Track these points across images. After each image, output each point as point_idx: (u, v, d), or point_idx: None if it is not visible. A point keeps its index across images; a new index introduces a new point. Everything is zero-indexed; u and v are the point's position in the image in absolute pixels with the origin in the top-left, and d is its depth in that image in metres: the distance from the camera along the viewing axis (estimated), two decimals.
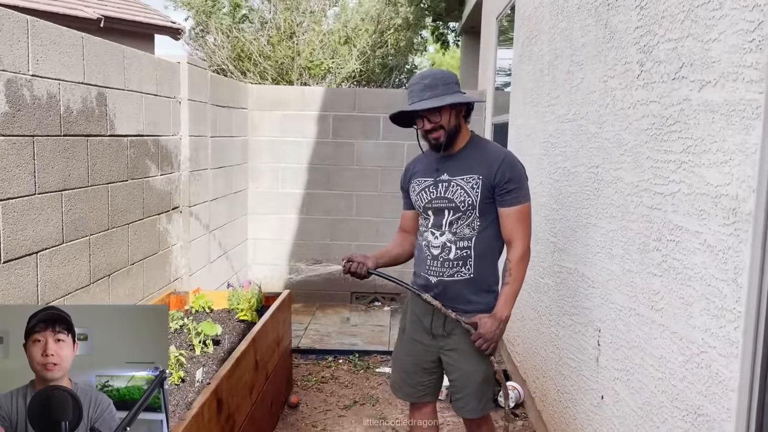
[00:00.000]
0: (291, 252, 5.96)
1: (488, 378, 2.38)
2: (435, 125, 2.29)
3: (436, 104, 2.23)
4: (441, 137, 2.30)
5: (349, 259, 2.37)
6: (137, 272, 3.55)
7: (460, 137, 2.36)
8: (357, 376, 4.22)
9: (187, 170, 4.18)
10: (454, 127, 2.31)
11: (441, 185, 2.35)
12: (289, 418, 3.57)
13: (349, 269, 2.37)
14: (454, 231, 2.34)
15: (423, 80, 2.30)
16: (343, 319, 5.48)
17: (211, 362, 2.89)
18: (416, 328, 2.48)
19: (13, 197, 2.39)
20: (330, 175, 5.86)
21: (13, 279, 2.41)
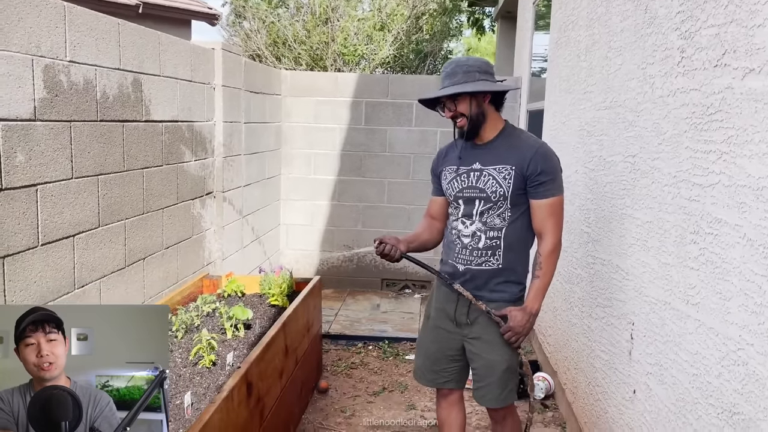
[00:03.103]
0: (322, 238, 5.99)
1: (511, 368, 2.36)
2: (455, 113, 2.27)
3: (447, 92, 2.23)
4: (464, 125, 2.28)
5: (381, 241, 2.32)
6: (171, 256, 3.60)
7: (489, 126, 2.32)
8: (386, 363, 4.23)
9: (221, 156, 4.22)
10: (477, 115, 2.27)
11: (473, 174, 2.32)
12: (319, 402, 3.60)
13: (383, 251, 2.31)
14: (485, 221, 2.31)
15: (446, 68, 2.31)
16: (373, 305, 5.50)
17: (242, 346, 2.92)
18: (440, 316, 2.47)
19: (50, 181, 2.45)
20: (362, 162, 5.85)
21: (51, 261, 2.47)
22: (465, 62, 2.29)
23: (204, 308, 3.37)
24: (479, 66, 2.27)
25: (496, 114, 2.34)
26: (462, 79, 2.23)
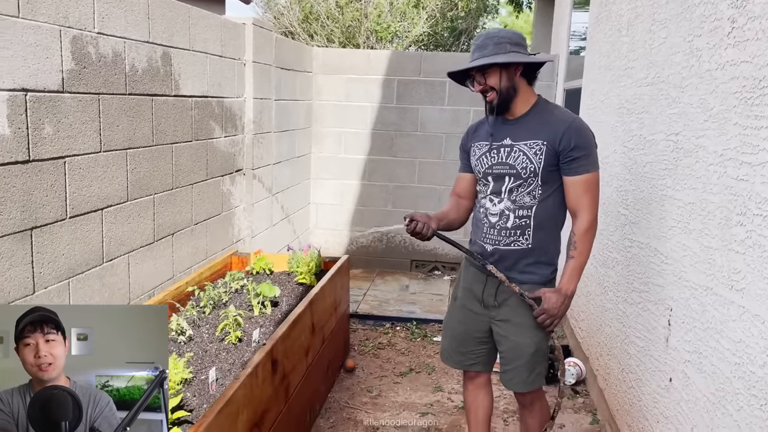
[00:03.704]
0: (352, 218, 5.95)
1: (540, 351, 2.29)
2: (484, 87, 2.19)
3: (477, 64, 2.14)
4: (494, 99, 2.19)
5: (412, 218, 2.21)
6: (201, 232, 3.60)
7: (520, 100, 2.22)
8: (414, 344, 4.19)
9: (251, 133, 4.19)
10: (508, 88, 2.18)
11: (503, 150, 2.24)
12: (345, 381, 3.58)
13: (414, 229, 2.20)
14: (514, 198, 2.22)
15: (476, 40, 2.21)
16: (402, 286, 5.45)
17: (269, 323, 2.91)
18: (468, 296, 2.40)
19: (78, 154, 2.44)
20: (393, 141, 5.78)
21: (79, 234, 2.48)
22: (496, 34, 2.19)
23: (232, 285, 3.36)
24: (510, 37, 2.17)
25: (528, 88, 2.24)
26: (492, 51, 2.14)
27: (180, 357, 2.28)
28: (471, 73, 2.23)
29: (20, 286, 2.16)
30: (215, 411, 1.87)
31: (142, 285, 2.98)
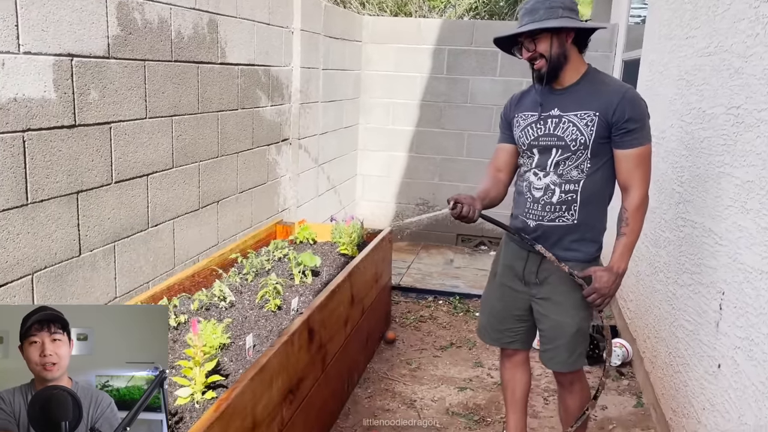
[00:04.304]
0: (398, 190, 5.91)
1: (582, 331, 2.22)
2: (533, 54, 2.08)
3: (527, 29, 2.03)
4: (543, 67, 2.09)
5: (457, 201, 2.10)
6: (246, 201, 3.64)
7: (571, 69, 2.11)
8: (456, 319, 4.15)
9: (298, 102, 4.19)
10: (558, 56, 2.07)
11: (550, 121, 2.14)
12: (385, 353, 3.59)
13: (460, 213, 2.09)
14: (560, 172, 2.13)
15: (526, 4, 2.10)
16: (446, 260, 5.41)
17: (308, 292, 2.92)
18: (507, 273, 2.34)
19: (124, 120, 2.48)
20: (441, 113, 5.68)
21: (124, 199, 2.53)
22: None
23: (275, 253, 3.39)
24: (563, 2, 2.05)
25: (579, 56, 2.13)
26: (543, 15, 2.03)
27: (219, 322, 2.32)
28: (519, 39, 2.13)
29: (67, 248, 2.23)
30: (248, 377, 1.89)
31: (187, 251, 3.03)
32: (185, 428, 1.76)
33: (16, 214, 1.99)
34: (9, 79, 1.91)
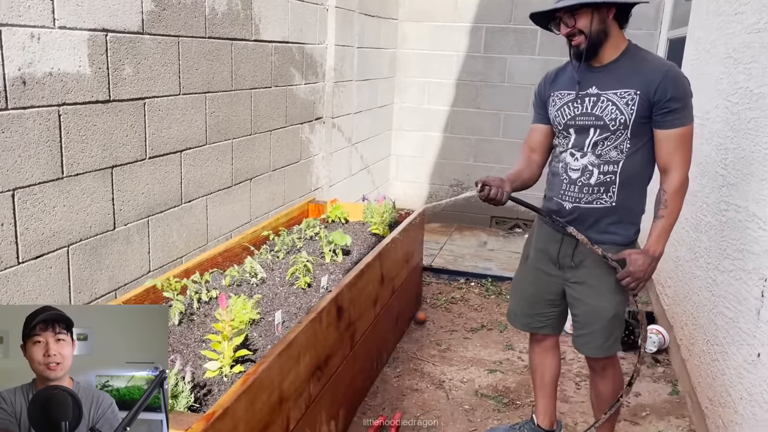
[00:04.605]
0: (432, 171, 5.86)
1: (618, 316, 2.16)
2: (572, 30, 2.01)
3: (566, 4, 1.96)
4: (581, 44, 2.01)
5: (485, 183, 2.06)
6: (278, 179, 3.65)
7: (610, 45, 2.03)
8: (487, 301, 4.12)
9: (332, 80, 4.16)
10: (598, 32, 1.99)
11: (588, 100, 2.07)
12: (415, 333, 3.58)
13: (488, 195, 2.05)
14: (599, 153, 2.07)
15: None
16: (479, 242, 5.35)
17: (338, 271, 2.92)
18: (541, 257, 2.29)
19: (158, 96, 2.49)
20: (478, 92, 5.59)
21: (159, 175, 2.56)
22: None
23: (307, 232, 3.40)
24: None
25: (620, 32, 2.05)
26: None
27: (249, 298, 2.33)
28: (557, 15, 2.06)
29: (101, 222, 2.27)
30: (276, 352, 1.90)
31: (220, 227, 3.06)
32: (213, 400, 1.78)
33: (52, 187, 2.03)
34: (44, 53, 1.93)
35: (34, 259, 1.99)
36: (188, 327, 2.27)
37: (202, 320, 2.33)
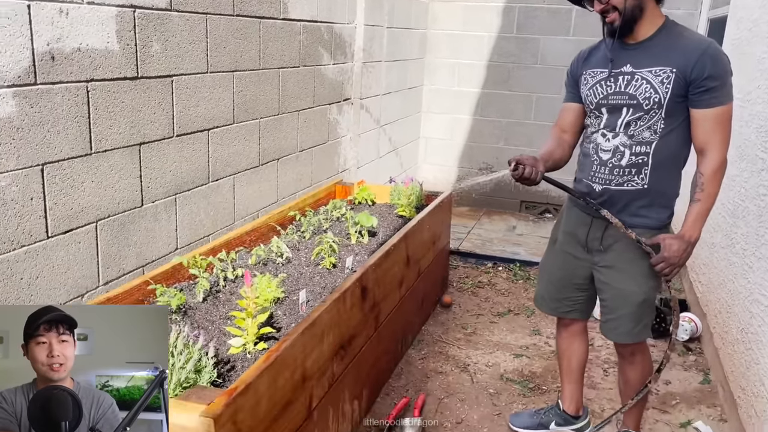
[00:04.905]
0: (462, 154, 5.79)
1: (648, 301, 2.10)
2: (605, 6, 1.94)
3: None
4: (615, 20, 1.94)
5: (518, 162, 2.00)
6: (306, 159, 3.64)
7: (646, 22, 1.96)
8: (515, 286, 4.07)
9: (360, 61, 4.13)
10: (633, 8, 1.91)
11: (622, 78, 2.00)
12: (440, 316, 3.56)
13: (521, 174, 1.99)
14: (631, 133, 2.00)
15: None
16: (508, 227, 5.29)
17: (364, 252, 2.91)
18: (569, 240, 2.24)
19: (185, 74, 2.49)
20: (509, 74, 5.49)
21: (186, 153, 2.57)
22: None
23: (333, 213, 3.39)
24: None
25: (656, 8, 1.97)
26: None
27: (274, 277, 2.34)
28: None
29: (129, 198, 2.28)
30: (299, 331, 1.90)
31: (247, 207, 3.07)
32: (236, 376, 1.79)
33: (81, 163, 2.05)
34: (73, 28, 1.94)
35: (63, 234, 2.01)
36: (213, 304, 2.29)
37: (227, 298, 2.35)
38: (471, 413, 2.64)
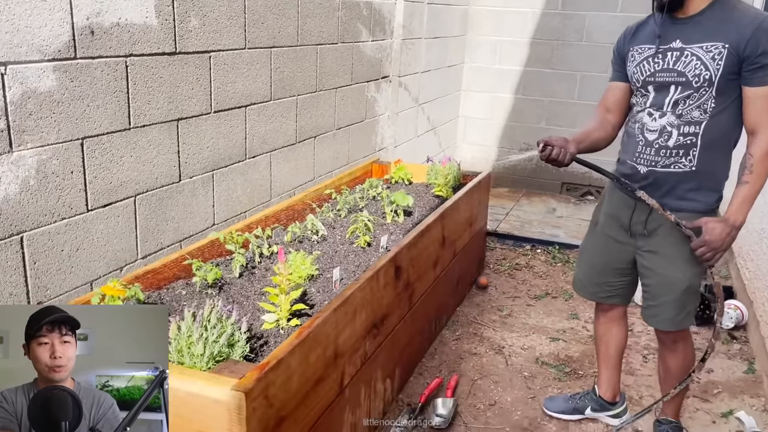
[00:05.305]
0: (502, 134, 5.69)
1: (692, 288, 2.03)
2: None
3: None
4: None
5: (547, 143, 1.99)
6: (343, 138, 3.63)
7: None
8: (553, 269, 4.00)
9: (400, 38, 4.07)
10: None
11: (670, 54, 1.92)
12: (476, 298, 3.53)
13: (549, 155, 1.97)
14: (679, 113, 1.92)
15: None
16: (548, 209, 5.19)
17: (399, 231, 2.89)
18: (611, 223, 2.17)
19: (223, 49, 2.49)
20: (553, 52, 5.34)
21: (223, 129, 2.57)
22: None
23: (369, 192, 3.38)
24: None
25: None
26: None
27: (309, 254, 2.34)
28: None
29: (167, 173, 2.31)
30: (331, 308, 1.90)
31: (283, 184, 3.07)
32: (269, 352, 1.80)
33: (120, 137, 2.07)
34: (112, 3, 1.95)
35: (103, 208, 2.05)
36: (248, 280, 2.31)
37: (262, 274, 2.36)
38: (504, 395, 2.62)
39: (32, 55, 1.74)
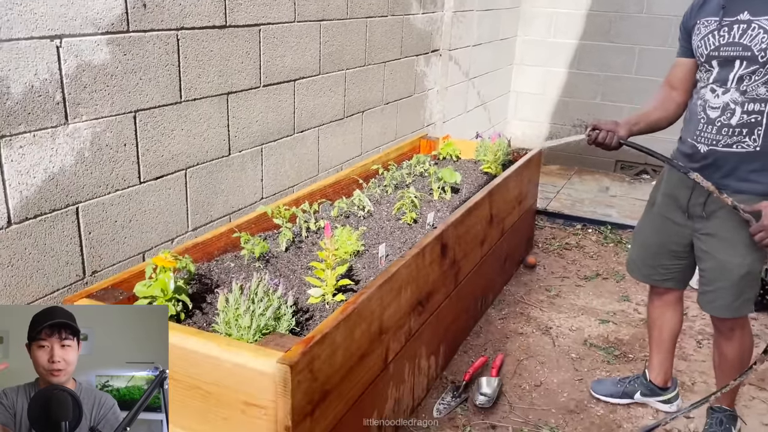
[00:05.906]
0: (554, 110, 5.54)
1: (752, 275, 1.94)
2: None
3: None
4: None
5: (595, 127, 2.00)
6: (391, 112, 3.59)
7: None
8: (605, 249, 3.90)
9: (451, 10, 3.98)
10: None
11: (737, 27, 1.81)
12: (523, 277, 3.47)
13: (596, 139, 2.00)
14: (744, 89, 1.82)
15: None
16: (601, 187, 5.05)
17: (446, 208, 2.86)
18: (668, 203, 2.09)
19: (272, 23, 2.48)
20: (611, 25, 5.14)
21: (272, 103, 2.58)
22: None
23: (417, 168, 3.35)
24: None
25: None
26: None
27: (355, 230, 2.34)
28: None
29: (217, 147, 2.33)
30: (376, 284, 1.89)
31: (330, 159, 3.07)
32: (314, 326, 1.82)
33: (171, 110, 2.10)
34: None
35: (155, 180, 2.09)
36: (295, 254, 2.32)
37: (309, 249, 2.38)
38: (551, 376, 2.58)
39: (86, 28, 1.77)
